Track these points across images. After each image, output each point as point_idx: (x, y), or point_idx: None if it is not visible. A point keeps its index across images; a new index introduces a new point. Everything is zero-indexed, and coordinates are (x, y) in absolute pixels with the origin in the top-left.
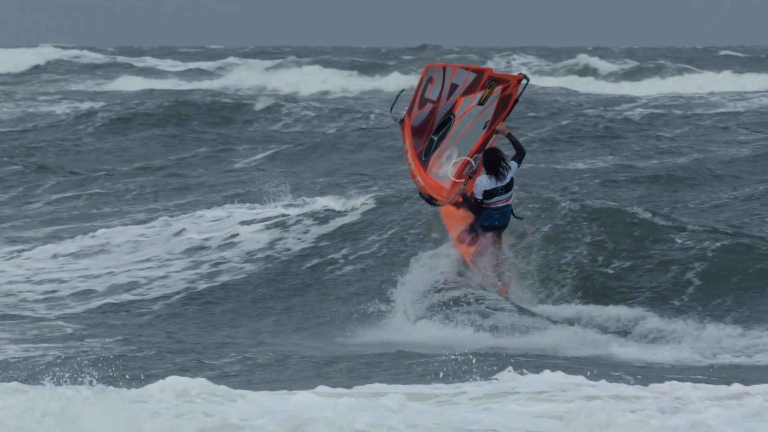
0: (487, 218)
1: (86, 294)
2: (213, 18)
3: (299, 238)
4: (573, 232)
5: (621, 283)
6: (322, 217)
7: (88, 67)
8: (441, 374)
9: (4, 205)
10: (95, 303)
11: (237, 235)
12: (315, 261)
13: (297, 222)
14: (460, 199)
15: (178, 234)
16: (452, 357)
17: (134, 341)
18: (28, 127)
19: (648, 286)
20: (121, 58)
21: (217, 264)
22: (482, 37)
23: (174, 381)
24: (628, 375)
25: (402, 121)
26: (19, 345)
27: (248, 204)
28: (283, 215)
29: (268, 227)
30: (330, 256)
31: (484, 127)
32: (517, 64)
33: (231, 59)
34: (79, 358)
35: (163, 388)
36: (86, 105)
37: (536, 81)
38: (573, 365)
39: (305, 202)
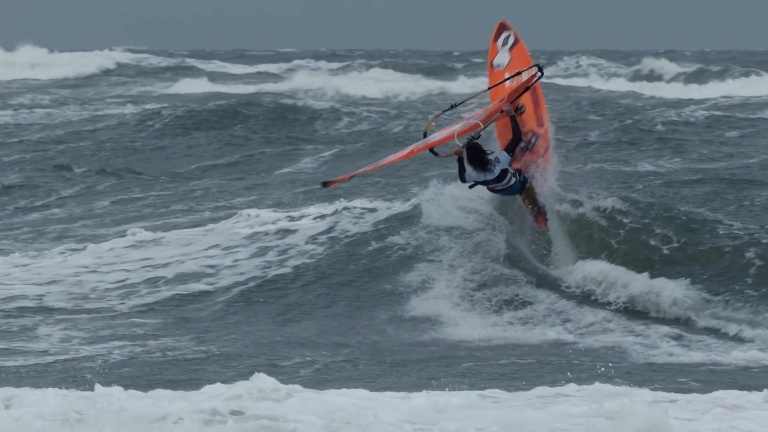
0: (494, 192)
1: (157, 286)
2: (287, 21)
3: (361, 227)
4: (624, 225)
5: (678, 269)
6: (378, 210)
7: (157, 70)
8: (503, 377)
9: (73, 203)
10: (165, 295)
11: (299, 230)
12: (380, 249)
13: (360, 215)
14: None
15: (243, 231)
16: (517, 360)
17: (205, 339)
18: (98, 127)
19: (707, 274)
20: (190, 61)
21: (284, 255)
22: (553, 39)
23: (222, 388)
24: (693, 381)
25: (325, 184)
26: (93, 345)
27: (311, 201)
28: (343, 209)
29: (331, 221)
30: (394, 243)
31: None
32: (586, 65)
33: (298, 62)
34: (146, 359)
35: (213, 394)
36: (152, 107)
37: (603, 84)
38: (637, 369)
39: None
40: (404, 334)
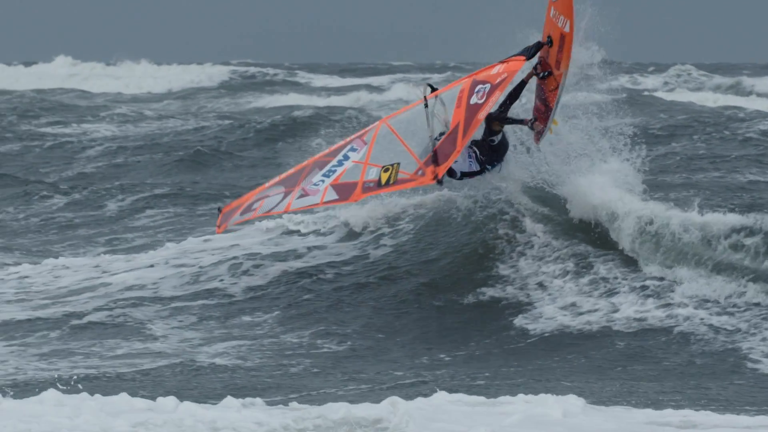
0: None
1: (267, 277)
2: (405, 36)
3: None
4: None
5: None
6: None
7: (264, 83)
8: (584, 391)
9: (174, 206)
10: (275, 284)
11: (381, 230)
12: (467, 239)
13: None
14: None
15: (340, 223)
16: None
17: (315, 340)
18: (198, 137)
19: None
20: (302, 74)
21: (378, 245)
22: (659, 51)
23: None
24: None
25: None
26: (210, 346)
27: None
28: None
29: (411, 221)
30: (482, 231)
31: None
32: (697, 74)
33: (402, 75)
34: (249, 366)
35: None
36: (247, 119)
37: (706, 97)
38: (726, 370)
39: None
40: (498, 330)
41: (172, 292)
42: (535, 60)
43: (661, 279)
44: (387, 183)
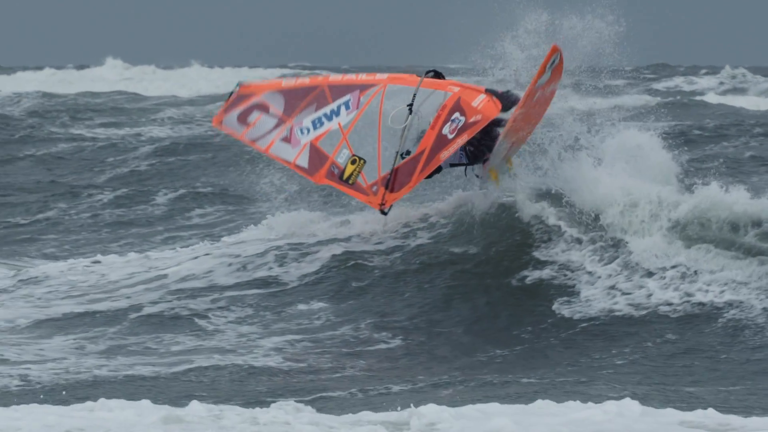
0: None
1: (320, 265)
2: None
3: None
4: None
5: None
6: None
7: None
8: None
9: (225, 203)
10: (331, 271)
11: (415, 230)
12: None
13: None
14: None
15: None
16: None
17: (373, 333)
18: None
19: None
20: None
21: (418, 239)
22: (717, 54)
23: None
24: None
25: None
26: (267, 339)
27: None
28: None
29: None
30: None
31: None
32: (752, 77)
33: (456, 78)
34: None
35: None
36: None
37: (756, 101)
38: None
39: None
40: (550, 319)
41: (224, 281)
42: (508, 114)
43: (696, 265)
44: (347, 180)
